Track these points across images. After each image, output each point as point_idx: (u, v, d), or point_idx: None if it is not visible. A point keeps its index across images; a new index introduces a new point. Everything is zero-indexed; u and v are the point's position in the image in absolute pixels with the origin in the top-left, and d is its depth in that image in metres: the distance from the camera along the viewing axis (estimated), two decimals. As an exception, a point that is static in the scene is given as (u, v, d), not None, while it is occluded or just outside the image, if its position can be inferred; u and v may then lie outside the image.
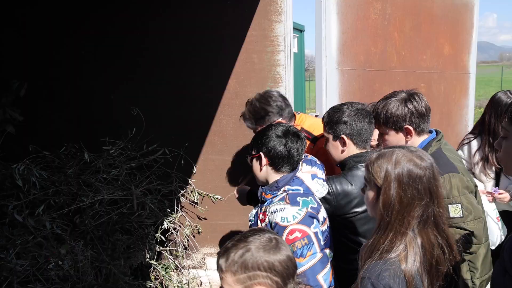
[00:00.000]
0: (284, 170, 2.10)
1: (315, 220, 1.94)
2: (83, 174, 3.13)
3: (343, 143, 2.34)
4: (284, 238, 1.84)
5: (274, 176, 2.11)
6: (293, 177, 2.07)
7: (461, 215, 2.09)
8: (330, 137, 2.38)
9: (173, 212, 3.37)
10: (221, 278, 1.50)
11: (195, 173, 3.44)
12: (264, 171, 2.13)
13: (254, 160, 2.15)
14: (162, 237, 3.24)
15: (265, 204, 2.07)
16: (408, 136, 2.27)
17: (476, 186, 2.28)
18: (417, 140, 2.28)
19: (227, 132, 3.36)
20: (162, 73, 3.37)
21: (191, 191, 3.43)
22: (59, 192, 2.95)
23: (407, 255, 1.54)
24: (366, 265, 1.57)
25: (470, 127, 4.88)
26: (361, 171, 2.23)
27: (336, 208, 2.22)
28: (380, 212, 1.59)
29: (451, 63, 5.02)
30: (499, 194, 3.23)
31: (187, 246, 3.43)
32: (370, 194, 1.67)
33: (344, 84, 3.69)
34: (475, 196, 2.23)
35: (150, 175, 3.33)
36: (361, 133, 2.32)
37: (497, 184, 3.36)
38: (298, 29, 9.61)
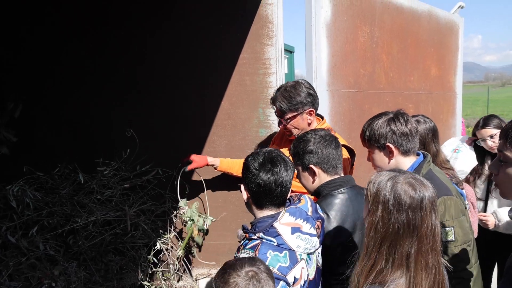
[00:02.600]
0: (268, 207, 1.89)
1: (281, 282, 1.73)
2: (77, 195, 3.14)
3: (313, 173, 2.25)
4: None
5: (258, 214, 1.91)
6: (270, 224, 1.83)
7: (453, 239, 2.09)
8: (300, 168, 2.30)
9: (165, 233, 3.38)
10: None
11: (188, 193, 3.46)
12: (249, 206, 1.96)
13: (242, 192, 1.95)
14: (154, 258, 3.24)
15: (242, 243, 1.88)
16: (391, 155, 2.25)
17: (466, 207, 2.29)
18: (403, 160, 2.26)
19: (220, 153, 3.39)
20: (156, 93, 3.40)
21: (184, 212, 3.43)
22: (52, 213, 2.96)
23: None
24: None
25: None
26: (336, 198, 2.18)
27: None
28: (366, 232, 1.52)
29: (438, 84, 5.13)
30: (483, 217, 3.12)
31: (179, 267, 3.42)
32: (365, 211, 1.61)
33: (335, 105, 3.75)
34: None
35: (143, 195, 3.34)
36: (328, 159, 2.24)
37: (485, 206, 3.34)
38: (288, 50, 9.79)
